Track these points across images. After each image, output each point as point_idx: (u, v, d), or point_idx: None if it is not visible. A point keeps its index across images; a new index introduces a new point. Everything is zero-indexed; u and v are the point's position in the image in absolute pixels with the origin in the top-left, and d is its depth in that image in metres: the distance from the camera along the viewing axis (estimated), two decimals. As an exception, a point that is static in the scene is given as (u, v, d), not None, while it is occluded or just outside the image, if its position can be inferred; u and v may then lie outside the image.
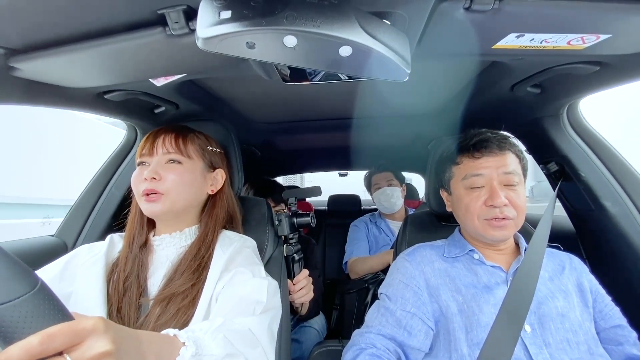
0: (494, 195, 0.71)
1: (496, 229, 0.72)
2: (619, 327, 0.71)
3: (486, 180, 0.74)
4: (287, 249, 0.95)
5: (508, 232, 0.73)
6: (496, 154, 0.75)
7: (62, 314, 0.35)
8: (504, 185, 0.73)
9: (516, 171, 0.74)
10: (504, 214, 0.71)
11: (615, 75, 0.72)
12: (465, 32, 0.55)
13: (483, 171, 0.74)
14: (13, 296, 0.32)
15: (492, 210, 0.72)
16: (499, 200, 0.70)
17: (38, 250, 0.99)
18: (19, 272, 0.34)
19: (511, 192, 0.72)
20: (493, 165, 0.74)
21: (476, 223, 0.75)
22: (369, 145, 1.78)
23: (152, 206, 0.70)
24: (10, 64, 0.58)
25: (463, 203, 0.77)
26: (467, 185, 0.77)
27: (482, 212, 0.73)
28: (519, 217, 0.73)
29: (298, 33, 0.42)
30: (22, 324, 0.32)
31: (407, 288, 0.76)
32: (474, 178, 0.75)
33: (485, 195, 0.73)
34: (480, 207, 0.73)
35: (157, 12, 0.49)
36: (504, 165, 0.74)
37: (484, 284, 0.74)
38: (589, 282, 0.75)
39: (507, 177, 0.73)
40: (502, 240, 0.75)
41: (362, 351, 0.69)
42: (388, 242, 1.67)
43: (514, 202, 0.72)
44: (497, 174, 0.73)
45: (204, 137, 0.81)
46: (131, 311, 0.64)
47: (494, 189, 0.72)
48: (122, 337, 0.38)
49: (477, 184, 0.75)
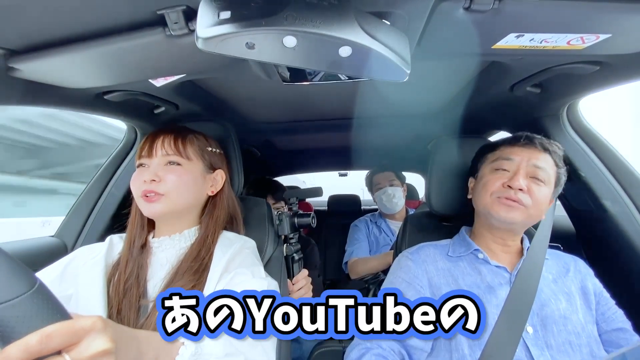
0: (514, 178, 0.72)
1: (503, 206, 0.72)
2: (621, 331, 0.70)
3: (514, 166, 0.75)
4: (287, 249, 0.94)
5: (515, 214, 0.72)
6: (535, 147, 0.76)
7: (61, 313, 0.35)
8: (530, 176, 0.73)
9: (547, 170, 0.74)
10: (517, 197, 0.71)
11: (615, 75, 0.72)
12: (465, 32, 0.55)
13: (514, 157, 0.75)
14: (11, 296, 0.32)
15: (508, 191, 0.72)
16: (517, 183, 0.71)
17: (38, 251, 0.99)
18: (17, 272, 0.34)
19: (534, 184, 0.73)
20: (525, 155, 0.75)
21: (487, 199, 0.75)
22: (368, 145, 1.78)
23: (151, 206, 0.70)
24: (10, 64, 0.58)
25: (483, 181, 0.79)
26: (494, 166, 0.78)
27: (497, 190, 0.74)
28: (533, 208, 0.72)
29: (298, 33, 0.41)
30: (21, 323, 0.32)
31: (409, 286, 0.76)
32: (504, 161, 0.76)
33: (507, 178, 0.74)
34: (498, 186, 0.74)
35: (157, 12, 0.49)
36: (537, 159, 0.74)
37: (487, 284, 0.74)
38: (593, 285, 0.75)
39: (535, 170, 0.73)
40: (507, 222, 0.73)
41: (368, 350, 0.68)
42: (388, 243, 1.66)
43: (532, 192, 0.72)
44: (526, 164, 0.74)
45: (203, 138, 0.81)
46: (131, 313, 0.64)
47: (517, 173, 0.73)
48: (121, 336, 0.38)
49: (504, 167, 0.76)
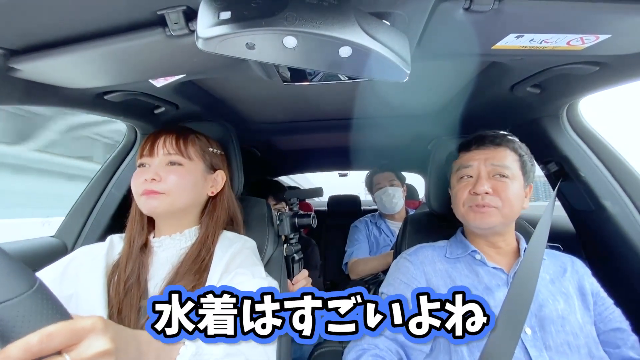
0: (477, 184, 0.75)
1: (477, 215, 0.75)
2: (619, 330, 0.70)
3: (475, 171, 0.78)
4: (287, 249, 0.94)
5: (490, 220, 0.74)
6: (487, 147, 0.79)
7: (61, 313, 0.35)
8: (492, 176, 0.76)
9: (508, 165, 0.76)
10: (485, 202, 0.73)
11: (614, 76, 0.72)
12: (465, 32, 0.55)
13: (472, 162, 0.78)
14: (11, 295, 0.32)
15: (475, 198, 0.75)
16: (481, 188, 0.74)
17: (38, 251, 0.99)
18: (17, 272, 0.34)
19: (499, 183, 0.74)
20: (482, 157, 0.78)
21: (462, 210, 0.78)
22: (369, 146, 1.78)
23: (150, 203, 0.69)
24: (10, 64, 0.58)
25: (454, 192, 0.82)
26: (459, 175, 0.81)
27: (466, 199, 0.77)
28: (505, 208, 0.73)
29: (298, 34, 0.42)
30: (21, 323, 0.32)
31: (408, 288, 0.76)
32: (464, 169, 0.80)
33: (471, 185, 0.77)
34: (466, 195, 0.77)
35: (157, 12, 0.49)
36: (494, 157, 0.77)
37: (485, 286, 0.74)
38: (591, 285, 0.75)
39: (496, 168, 0.76)
40: (484, 228, 0.76)
41: (365, 352, 0.69)
42: (389, 243, 1.66)
43: (499, 192, 0.73)
44: (485, 165, 0.77)
45: (204, 139, 0.81)
46: (132, 313, 0.64)
47: (479, 178, 0.76)
48: (121, 337, 0.38)
49: (467, 174, 0.79)
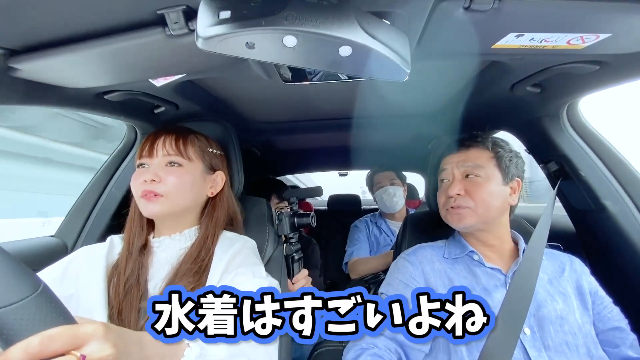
0: (450, 187, 0.80)
1: (454, 216, 0.79)
2: (617, 330, 0.70)
3: (449, 174, 0.82)
4: (287, 248, 0.94)
5: (465, 220, 0.77)
6: (458, 150, 0.83)
7: (64, 317, 0.35)
8: (465, 176, 0.79)
9: (480, 165, 0.78)
10: (457, 203, 0.77)
11: (615, 75, 0.72)
12: (465, 31, 0.55)
13: (446, 166, 0.83)
14: (16, 299, 0.32)
15: (449, 201, 0.80)
16: (451, 191, 0.79)
17: (38, 251, 0.99)
18: (22, 275, 0.34)
19: (471, 184, 0.77)
20: (454, 161, 0.82)
21: (443, 213, 0.83)
22: (369, 145, 1.78)
23: (150, 206, 0.69)
24: (10, 64, 0.58)
25: (437, 195, 0.87)
26: (439, 179, 0.86)
27: (444, 202, 0.82)
28: (479, 207, 0.76)
29: (298, 33, 0.41)
30: (25, 326, 0.32)
31: (407, 288, 0.76)
32: (441, 173, 0.85)
33: (447, 187, 0.81)
34: (443, 198, 0.82)
35: (157, 12, 0.49)
36: (465, 160, 0.80)
37: (483, 287, 0.74)
38: (589, 284, 0.75)
39: (467, 169, 0.79)
40: (462, 228, 0.80)
41: (364, 351, 0.69)
42: (389, 243, 1.66)
43: (471, 192, 0.76)
44: (457, 169, 0.81)
45: (204, 139, 0.81)
46: (132, 314, 0.64)
47: (452, 181, 0.80)
48: (124, 341, 0.38)
49: (443, 178, 0.84)
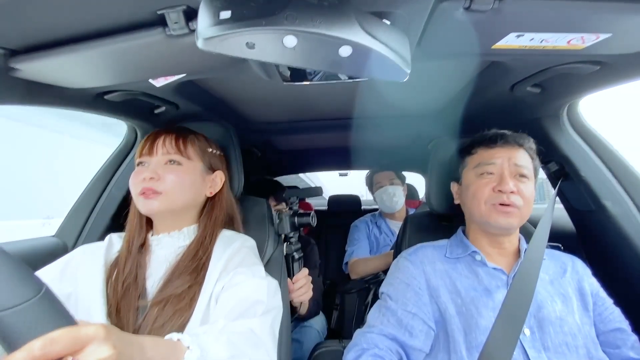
0: (503, 182, 0.73)
1: (501, 214, 0.73)
2: (618, 331, 0.70)
3: (498, 169, 0.76)
4: (287, 248, 0.95)
5: (512, 219, 0.73)
6: (511, 145, 0.77)
7: (66, 319, 0.35)
8: (514, 176, 0.75)
9: (527, 166, 0.76)
10: (511, 200, 0.72)
11: (615, 75, 0.72)
12: (465, 32, 0.55)
13: (496, 160, 0.76)
14: (18, 301, 0.32)
15: (500, 196, 0.73)
16: (507, 186, 0.72)
17: (38, 251, 0.99)
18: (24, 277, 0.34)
19: (520, 183, 0.74)
20: (506, 155, 0.76)
21: (482, 208, 0.75)
22: (369, 145, 1.78)
23: (148, 203, 0.69)
24: (10, 64, 0.58)
25: (471, 189, 0.78)
26: (478, 172, 0.78)
27: (489, 197, 0.75)
28: (525, 208, 0.73)
29: (298, 33, 0.41)
30: (27, 329, 0.32)
31: (408, 288, 0.76)
32: (487, 166, 0.77)
33: (495, 182, 0.75)
34: (488, 192, 0.75)
35: (157, 12, 0.49)
36: (517, 157, 0.75)
37: (485, 287, 0.73)
38: (590, 286, 0.75)
39: (518, 168, 0.75)
40: (506, 228, 0.74)
41: (365, 351, 0.68)
42: (389, 243, 1.66)
43: (522, 192, 0.73)
44: (508, 164, 0.75)
45: (204, 139, 0.81)
46: (130, 313, 0.64)
47: (504, 176, 0.74)
48: (125, 344, 0.38)
49: (488, 170, 0.77)
